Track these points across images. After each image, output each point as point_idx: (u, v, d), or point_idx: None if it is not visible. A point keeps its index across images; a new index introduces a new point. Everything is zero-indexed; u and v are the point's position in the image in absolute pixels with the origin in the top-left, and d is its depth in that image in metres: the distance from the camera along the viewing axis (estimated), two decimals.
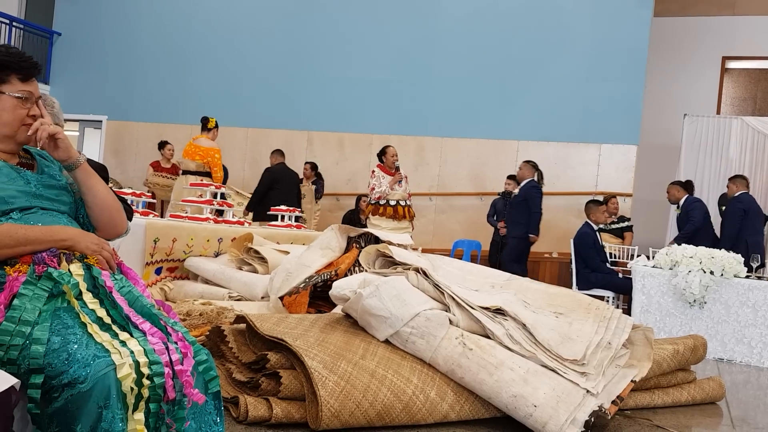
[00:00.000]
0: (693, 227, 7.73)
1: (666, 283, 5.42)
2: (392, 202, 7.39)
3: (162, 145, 9.81)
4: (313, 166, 9.95)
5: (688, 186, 8.27)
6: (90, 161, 2.92)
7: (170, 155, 9.62)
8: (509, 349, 2.72)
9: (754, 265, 5.50)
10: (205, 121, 7.71)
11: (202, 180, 7.05)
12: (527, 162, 8.14)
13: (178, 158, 8.73)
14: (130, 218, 2.67)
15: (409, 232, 7.04)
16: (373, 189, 7.43)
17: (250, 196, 8.76)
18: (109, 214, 1.86)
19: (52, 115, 2.71)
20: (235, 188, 9.25)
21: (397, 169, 7.45)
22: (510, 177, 8.82)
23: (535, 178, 7.97)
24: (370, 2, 10.71)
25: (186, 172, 7.52)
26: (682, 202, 8.08)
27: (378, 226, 7.15)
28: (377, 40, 10.56)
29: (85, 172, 1.82)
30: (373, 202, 7.47)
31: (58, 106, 2.77)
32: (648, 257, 6.15)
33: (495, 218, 8.68)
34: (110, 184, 7.38)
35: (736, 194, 7.64)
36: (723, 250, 5.40)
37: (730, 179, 7.95)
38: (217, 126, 7.74)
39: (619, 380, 2.78)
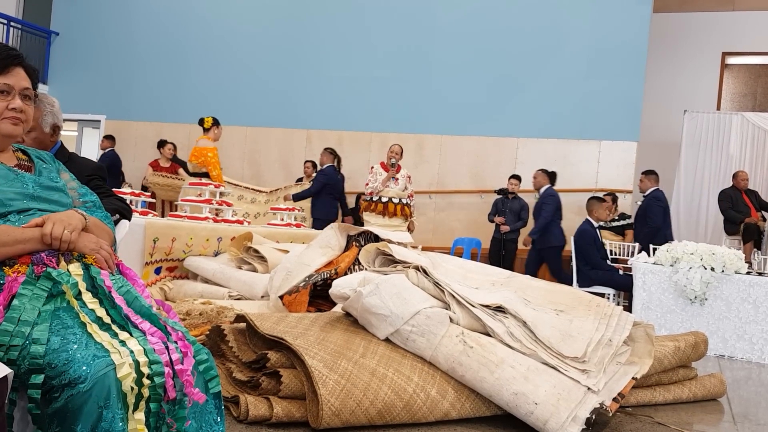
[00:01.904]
0: (544, 221, 7.98)
1: (667, 279, 5.42)
2: (384, 199, 7.38)
3: (161, 144, 9.80)
4: (315, 165, 9.95)
5: (552, 176, 8.39)
6: (88, 161, 2.91)
7: (170, 154, 9.61)
8: (510, 346, 2.72)
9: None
10: (200, 122, 7.70)
11: (201, 180, 7.05)
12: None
13: (181, 159, 8.75)
14: (129, 218, 2.66)
15: (401, 230, 7.01)
16: (368, 185, 7.46)
17: (247, 187, 8.80)
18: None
19: (51, 114, 2.69)
20: (233, 181, 9.22)
21: (392, 165, 7.44)
22: (514, 177, 8.81)
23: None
24: (369, 0, 10.69)
25: (189, 175, 7.57)
26: (542, 190, 8.26)
27: (368, 223, 7.16)
28: (376, 38, 10.55)
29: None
30: (366, 198, 7.49)
31: (58, 105, 2.75)
32: (648, 254, 6.15)
33: (496, 216, 8.68)
34: (124, 186, 7.33)
35: (651, 190, 7.87)
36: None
37: (643, 174, 8.11)
38: (216, 124, 7.72)
39: (620, 377, 2.78)
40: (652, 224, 7.66)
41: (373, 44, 10.56)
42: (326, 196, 8.59)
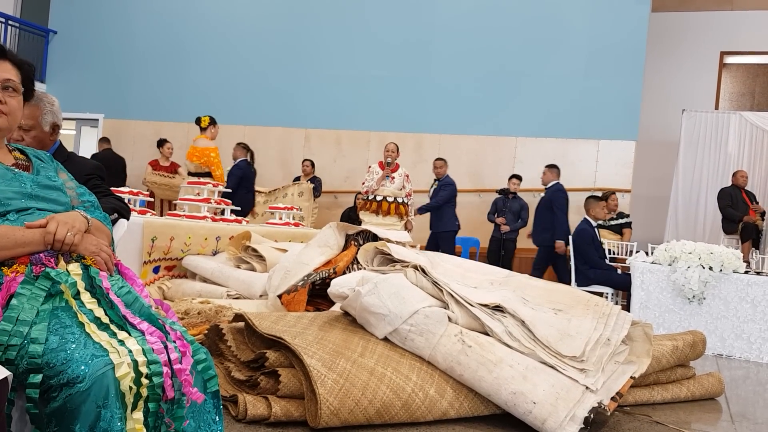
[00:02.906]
0: (435, 204, 8.29)
1: (665, 279, 5.42)
2: (378, 198, 7.38)
3: (161, 143, 9.79)
4: (313, 164, 9.95)
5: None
6: (87, 160, 2.91)
7: (169, 153, 9.60)
8: (508, 346, 2.72)
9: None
10: (197, 121, 7.69)
11: (199, 179, 7.04)
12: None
13: (179, 158, 8.72)
14: (127, 217, 2.66)
15: (395, 229, 7.00)
16: (364, 183, 7.46)
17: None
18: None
19: (51, 113, 2.68)
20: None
21: (388, 164, 7.44)
22: (515, 176, 8.81)
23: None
24: None
25: (190, 174, 7.54)
26: (443, 179, 8.48)
27: (363, 221, 7.16)
28: (375, 37, 10.55)
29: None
30: (362, 196, 7.49)
31: (57, 104, 2.75)
32: (647, 253, 6.15)
33: (496, 216, 8.68)
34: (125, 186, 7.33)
35: (553, 183, 8.09)
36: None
37: (547, 167, 8.29)
38: (213, 123, 7.71)
39: (618, 376, 2.78)
40: (560, 215, 7.85)
41: (371, 43, 10.55)
42: (242, 189, 8.49)
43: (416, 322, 2.76)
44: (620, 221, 8.70)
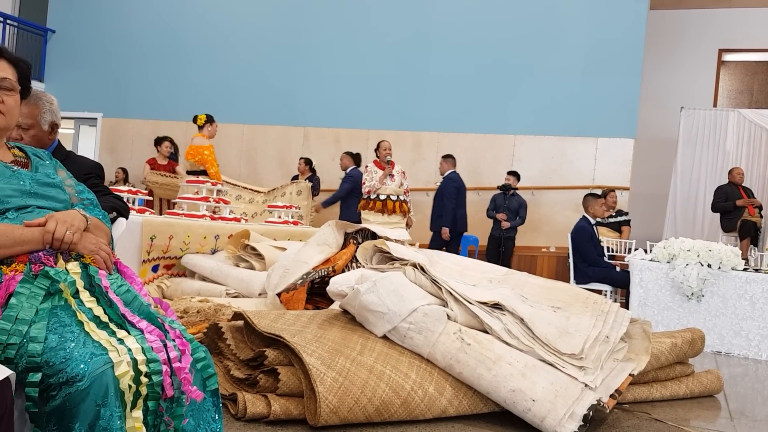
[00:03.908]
0: (336, 196, 8.71)
1: (663, 276, 5.43)
2: (382, 197, 7.37)
3: (159, 141, 9.77)
4: (308, 161, 9.93)
5: (356, 157, 8.89)
6: (86, 159, 2.91)
7: (167, 152, 9.58)
8: (507, 343, 2.72)
9: None
10: (194, 119, 7.68)
11: (198, 177, 7.03)
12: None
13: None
14: (126, 216, 2.66)
15: (400, 227, 7.01)
16: (365, 183, 7.44)
17: (245, 187, 8.79)
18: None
19: (50, 112, 2.68)
20: (231, 180, 9.20)
21: (388, 163, 7.43)
22: (510, 173, 8.82)
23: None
24: None
25: (187, 173, 7.54)
26: (348, 170, 8.72)
27: (367, 221, 7.15)
28: (373, 36, 10.54)
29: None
30: (364, 197, 7.48)
31: (56, 103, 2.74)
32: (645, 251, 6.16)
33: (495, 212, 8.67)
34: (128, 185, 7.28)
35: (449, 172, 8.37)
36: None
37: (442, 158, 8.64)
38: (210, 121, 7.69)
39: (617, 374, 2.79)
40: (447, 203, 8.15)
41: (370, 42, 10.55)
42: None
43: (415, 320, 2.76)
44: (619, 219, 8.70)
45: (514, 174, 8.85)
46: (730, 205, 8.66)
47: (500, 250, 8.47)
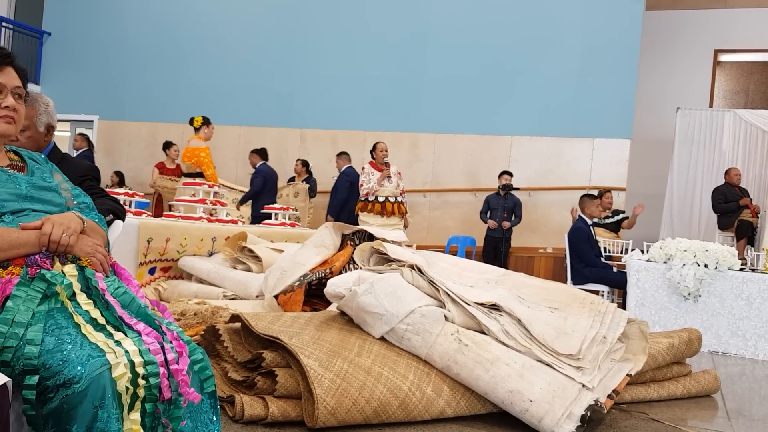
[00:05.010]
0: (252, 191, 8.77)
1: (660, 276, 5.43)
2: (380, 199, 7.37)
3: (167, 145, 9.75)
4: (304, 163, 9.94)
5: (262, 153, 9.16)
6: (82, 161, 2.90)
7: (175, 155, 9.58)
8: (505, 344, 2.73)
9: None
10: (191, 121, 7.67)
11: (195, 180, 7.03)
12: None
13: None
14: (122, 218, 2.65)
15: (399, 229, 7.01)
16: (362, 185, 7.44)
17: (243, 191, 8.81)
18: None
19: (46, 114, 2.68)
20: (228, 184, 9.21)
21: (386, 164, 7.43)
22: (505, 172, 8.82)
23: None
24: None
25: (184, 176, 7.54)
26: (257, 166, 8.96)
27: (366, 223, 7.14)
28: (370, 37, 10.55)
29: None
30: (362, 198, 7.47)
31: (53, 106, 2.74)
32: (642, 251, 6.16)
33: (488, 215, 8.65)
34: (125, 188, 7.28)
35: (345, 167, 8.90)
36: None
37: (337, 155, 9.16)
38: (207, 123, 7.68)
39: (614, 374, 2.79)
40: (339, 196, 8.63)
41: (367, 43, 10.55)
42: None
43: (413, 321, 2.76)
44: (616, 219, 8.71)
45: (509, 173, 8.85)
46: (734, 206, 8.66)
47: (498, 250, 8.45)
